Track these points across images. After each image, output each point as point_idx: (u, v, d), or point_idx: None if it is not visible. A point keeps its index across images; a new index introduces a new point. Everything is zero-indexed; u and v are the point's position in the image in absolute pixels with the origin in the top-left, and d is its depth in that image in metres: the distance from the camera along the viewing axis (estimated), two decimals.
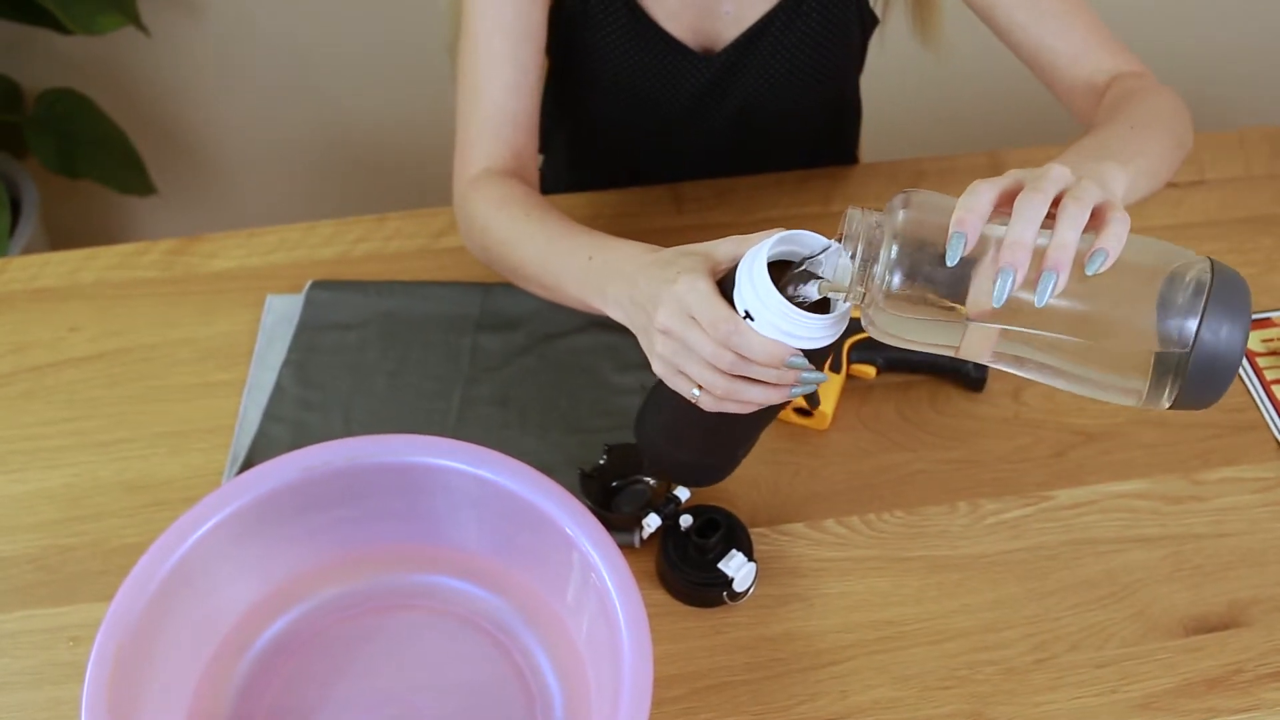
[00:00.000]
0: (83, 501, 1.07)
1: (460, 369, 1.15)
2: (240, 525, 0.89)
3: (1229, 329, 0.71)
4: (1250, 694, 0.95)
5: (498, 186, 1.09)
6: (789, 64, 1.24)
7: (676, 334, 0.82)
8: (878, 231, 0.75)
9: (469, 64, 1.13)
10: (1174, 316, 0.71)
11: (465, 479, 0.91)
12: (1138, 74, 1.09)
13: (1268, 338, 1.19)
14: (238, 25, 2.11)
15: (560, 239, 1.00)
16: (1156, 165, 0.96)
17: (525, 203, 1.06)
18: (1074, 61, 1.11)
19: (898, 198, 0.76)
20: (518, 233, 1.04)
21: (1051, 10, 1.11)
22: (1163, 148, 0.98)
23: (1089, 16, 1.11)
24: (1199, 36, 2.34)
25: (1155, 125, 0.99)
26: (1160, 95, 1.04)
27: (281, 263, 1.26)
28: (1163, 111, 1.02)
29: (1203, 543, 1.04)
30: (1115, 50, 1.11)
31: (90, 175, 2.05)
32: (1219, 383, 0.72)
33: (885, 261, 0.74)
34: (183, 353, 1.18)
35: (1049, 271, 0.70)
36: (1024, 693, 0.95)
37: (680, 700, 0.94)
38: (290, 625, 0.95)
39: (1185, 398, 0.73)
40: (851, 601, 1.00)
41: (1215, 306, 0.71)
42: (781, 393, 0.83)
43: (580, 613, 0.89)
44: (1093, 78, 1.10)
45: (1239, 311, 0.72)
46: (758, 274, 0.79)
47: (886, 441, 1.11)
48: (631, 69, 1.24)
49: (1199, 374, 0.72)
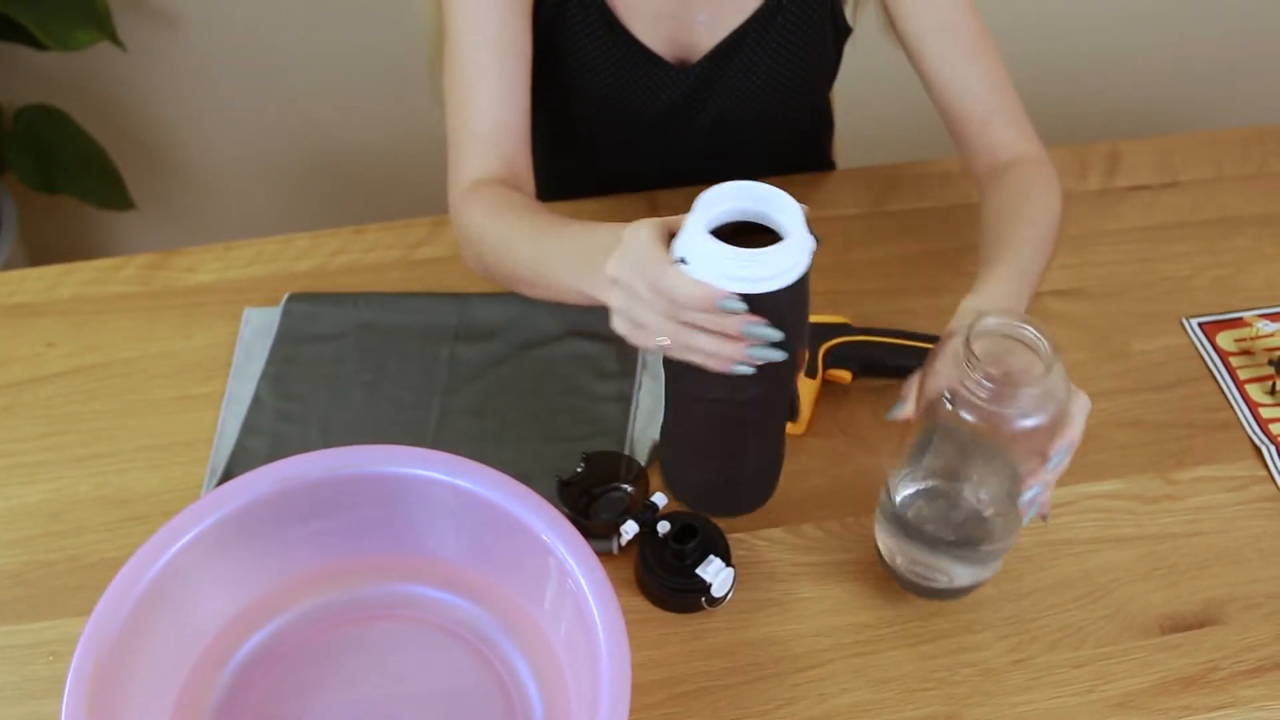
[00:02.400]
0: (62, 516, 1.07)
1: (438, 380, 1.15)
2: (218, 538, 0.89)
3: None
4: (1226, 691, 0.96)
5: (490, 195, 1.09)
6: (764, 74, 1.24)
7: (623, 282, 0.85)
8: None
9: (456, 79, 1.13)
10: None
11: (442, 489, 0.91)
12: (1035, 161, 1.13)
13: (1240, 337, 1.20)
14: (214, 40, 2.11)
15: (552, 233, 1.01)
16: (1044, 269, 1.06)
17: (518, 207, 1.07)
18: (983, 128, 1.16)
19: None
20: (511, 235, 1.05)
21: (972, 73, 1.15)
22: (1048, 257, 1.06)
23: (1003, 85, 1.16)
24: (1171, 38, 2.36)
25: (1049, 240, 1.07)
26: (1050, 197, 1.10)
27: (259, 275, 1.26)
28: (1053, 223, 1.08)
29: (1178, 542, 1.05)
30: (1020, 126, 1.15)
31: (69, 191, 2.05)
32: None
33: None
34: (160, 367, 1.18)
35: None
36: (1001, 693, 0.95)
37: (659, 706, 0.94)
38: (270, 637, 0.94)
39: None
40: (829, 605, 1.01)
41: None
42: (734, 347, 0.84)
43: (558, 620, 0.89)
44: (995, 150, 1.15)
45: None
46: (692, 216, 0.80)
47: (863, 446, 1.11)
48: (608, 80, 1.24)
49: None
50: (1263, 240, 1.31)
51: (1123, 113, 2.43)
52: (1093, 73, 2.38)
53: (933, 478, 0.96)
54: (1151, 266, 1.28)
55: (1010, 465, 0.90)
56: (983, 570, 0.96)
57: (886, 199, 1.36)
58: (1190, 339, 1.21)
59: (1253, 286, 1.26)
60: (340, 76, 2.18)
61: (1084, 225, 1.32)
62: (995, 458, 0.91)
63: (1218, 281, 1.27)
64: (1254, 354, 1.19)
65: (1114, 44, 2.34)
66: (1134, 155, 1.41)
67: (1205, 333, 1.21)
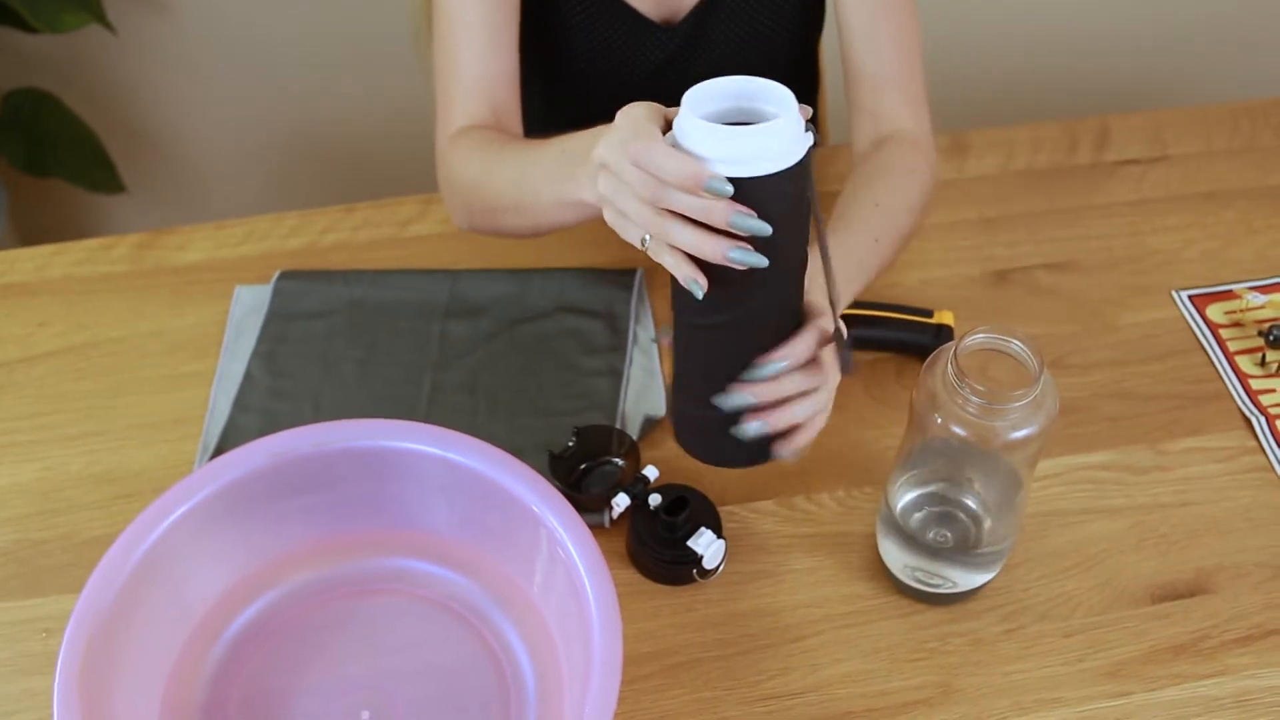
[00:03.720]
0: (54, 495, 1.07)
1: (429, 356, 1.15)
2: (209, 513, 0.89)
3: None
4: (1216, 659, 0.96)
5: (476, 136, 1.10)
6: (747, 27, 1.25)
7: (610, 163, 0.81)
8: None
9: (444, 38, 1.14)
10: None
11: (433, 462, 0.91)
12: (912, 141, 1.13)
13: (1230, 309, 1.20)
14: (204, 22, 2.11)
15: (534, 150, 1.01)
16: (889, 253, 1.07)
17: (503, 140, 1.07)
18: (874, 91, 1.16)
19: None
20: (494, 161, 1.05)
21: (881, 31, 1.15)
22: (893, 239, 1.07)
23: (909, 56, 1.15)
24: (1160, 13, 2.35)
25: (896, 223, 1.07)
26: (912, 178, 1.11)
27: (250, 254, 1.26)
28: (907, 206, 1.09)
29: (1168, 512, 1.05)
30: (913, 103, 1.15)
31: (59, 174, 2.04)
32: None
33: None
34: (152, 345, 1.18)
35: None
36: (993, 663, 0.96)
37: (652, 678, 0.95)
38: (262, 612, 0.95)
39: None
40: (820, 577, 1.01)
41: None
42: (716, 242, 0.77)
43: (550, 592, 0.90)
44: (879, 118, 1.15)
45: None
46: (681, 109, 0.77)
47: (854, 418, 1.11)
48: (595, 41, 1.25)
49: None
50: (1252, 213, 1.31)
51: (1113, 88, 2.42)
52: (1083, 48, 2.37)
53: (930, 484, 0.96)
54: (1141, 240, 1.29)
55: (1006, 467, 0.91)
56: (983, 574, 0.96)
57: None
58: (1180, 311, 1.21)
59: (1242, 259, 1.26)
60: (329, 57, 2.17)
61: (1074, 199, 1.33)
62: (990, 460, 0.92)
63: (1207, 254, 1.27)
64: (1244, 325, 1.19)
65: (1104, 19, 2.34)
66: (1124, 130, 1.41)
67: (1195, 305, 1.21)
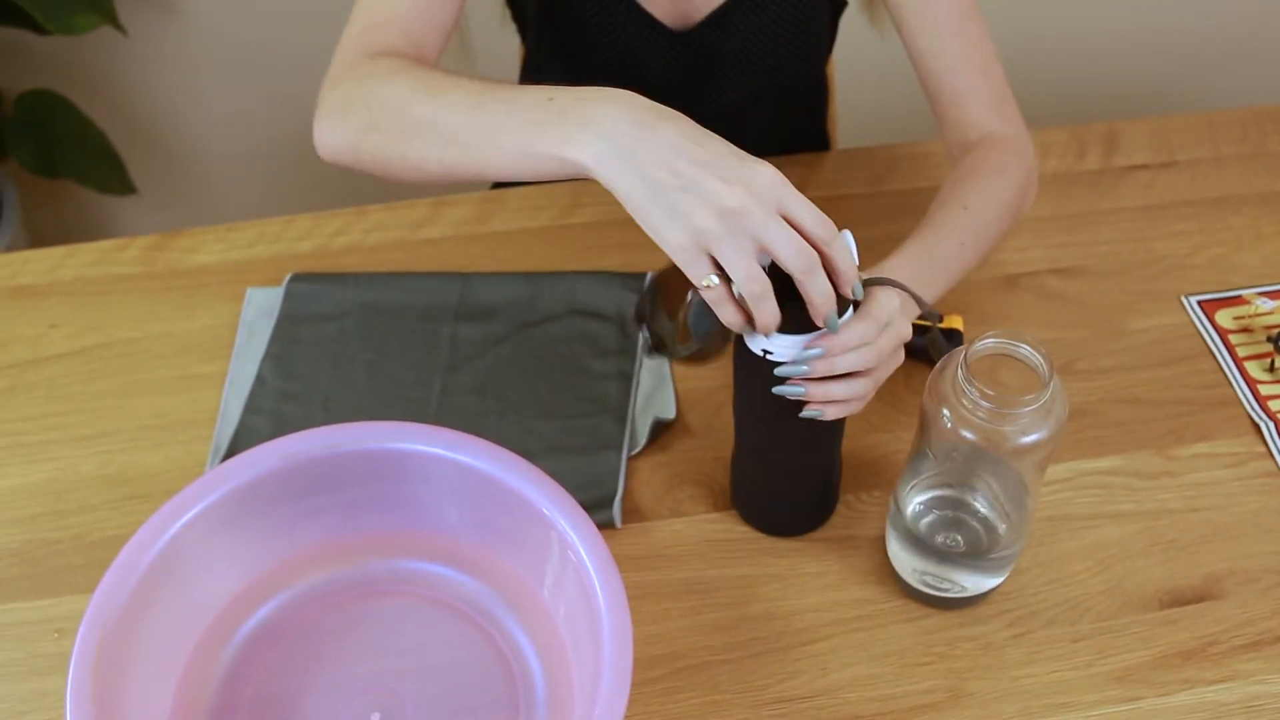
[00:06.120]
0: (65, 496, 1.07)
1: (439, 358, 1.16)
2: (221, 515, 0.90)
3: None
4: (1225, 665, 0.96)
5: (396, 62, 0.96)
6: (761, 42, 1.25)
7: (750, 219, 0.78)
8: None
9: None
10: None
11: (444, 464, 0.92)
12: (1002, 141, 1.10)
13: (1239, 315, 1.21)
14: (215, 24, 2.11)
15: (500, 88, 0.88)
16: (976, 254, 1.04)
17: (439, 72, 0.93)
18: (955, 105, 1.13)
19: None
20: (436, 85, 0.91)
21: (951, 48, 1.12)
22: (984, 241, 1.05)
23: (985, 65, 1.13)
24: (1169, 21, 2.35)
25: (987, 223, 1.05)
26: (1004, 176, 1.07)
27: (261, 256, 1.27)
28: (997, 206, 1.06)
29: (1177, 517, 1.06)
30: (997, 107, 1.13)
31: (70, 175, 2.05)
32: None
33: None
34: (163, 347, 1.19)
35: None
36: (1001, 667, 0.96)
37: (661, 680, 0.95)
38: (273, 613, 0.95)
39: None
40: (830, 581, 1.01)
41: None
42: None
43: (560, 595, 0.90)
44: (965, 129, 1.12)
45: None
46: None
47: (863, 423, 1.12)
48: (608, 45, 1.25)
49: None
50: (1260, 219, 1.31)
51: (1121, 94, 2.43)
52: (1091, 54, 2.38)
53: (939, 489, 0.96)
54: (1150, 245, 1.29)
55: (1015, 472, 0.91)
56: (992, 578, 0.97)
57: (885, 179, 1.36)
58: (1189, 317, 1.21)
59: (1251, 265, 1.27)
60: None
61: (1082, 204, 1.33)
62: (999, 465, 0.92)
63: (1216, 260, 1.27)
64: (1253, 331, 1.19)
65: (1112, 26, 2.34)
66: (1132, 135, 1.41)
67: (1204, 310, 1.21)
